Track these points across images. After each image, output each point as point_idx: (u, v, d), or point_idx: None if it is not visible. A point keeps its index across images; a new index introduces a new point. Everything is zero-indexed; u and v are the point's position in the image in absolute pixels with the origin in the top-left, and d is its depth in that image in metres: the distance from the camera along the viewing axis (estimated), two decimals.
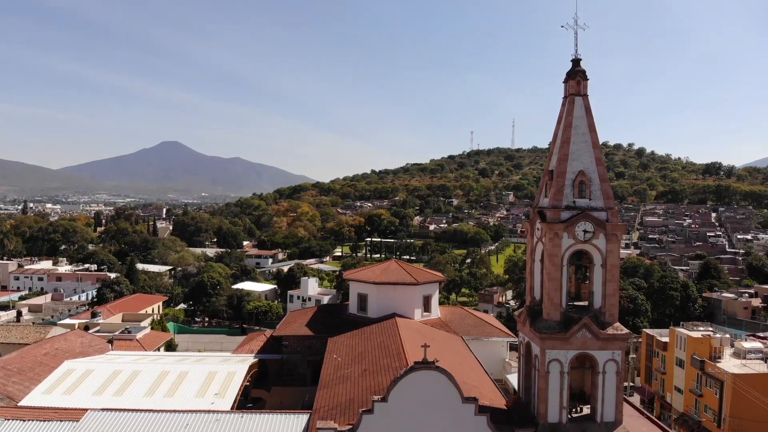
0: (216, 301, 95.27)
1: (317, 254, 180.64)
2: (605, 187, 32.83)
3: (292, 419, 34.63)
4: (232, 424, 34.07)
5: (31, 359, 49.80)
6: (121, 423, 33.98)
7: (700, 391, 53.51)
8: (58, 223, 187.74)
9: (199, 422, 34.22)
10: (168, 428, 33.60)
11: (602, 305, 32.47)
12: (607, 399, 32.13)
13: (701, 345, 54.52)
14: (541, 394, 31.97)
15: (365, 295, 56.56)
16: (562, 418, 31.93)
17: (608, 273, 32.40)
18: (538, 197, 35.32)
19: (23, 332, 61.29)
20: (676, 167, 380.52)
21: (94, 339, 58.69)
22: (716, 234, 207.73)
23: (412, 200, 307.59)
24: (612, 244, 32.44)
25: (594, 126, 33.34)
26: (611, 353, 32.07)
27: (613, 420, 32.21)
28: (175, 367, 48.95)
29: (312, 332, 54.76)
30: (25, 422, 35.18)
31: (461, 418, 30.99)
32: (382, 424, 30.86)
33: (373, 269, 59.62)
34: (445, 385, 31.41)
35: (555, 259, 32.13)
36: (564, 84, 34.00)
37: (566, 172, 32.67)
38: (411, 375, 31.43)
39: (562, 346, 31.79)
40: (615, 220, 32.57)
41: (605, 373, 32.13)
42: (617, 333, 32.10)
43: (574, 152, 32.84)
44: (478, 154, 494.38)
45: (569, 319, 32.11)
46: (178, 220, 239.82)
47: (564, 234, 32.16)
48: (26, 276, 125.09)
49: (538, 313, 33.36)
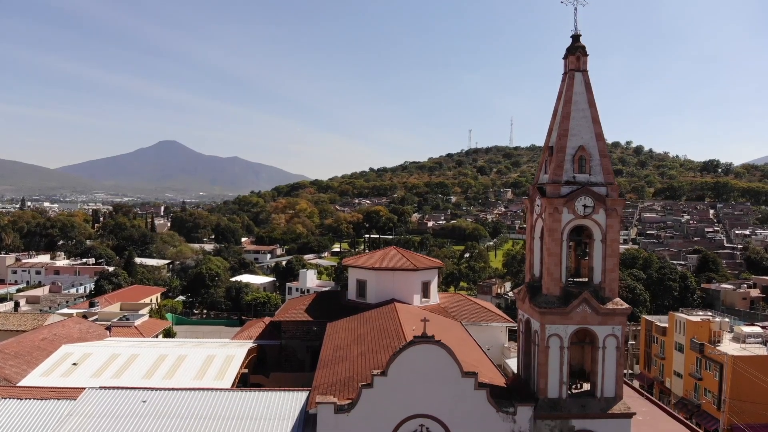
0: (214, 293, 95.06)
1: (316, 250, 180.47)
2: (605, 162, 32.75)
3: (291, 396, 34.53)
4: (232, 401, 33.93)
5: (28, 344, 49.62)
6: (119, 400, 33.81)
7: (700, 374, 53.51)
8: (56, 219, 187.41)
9: (198, 399, 34.08)
10: (167, 405, 33.45)
11: (602, 280, 32.41)
12: (607, 374, 32.08)
13: (700, 329, 54.54)
14: (541, 369, 31.90)
15: (364, 281, 56.37)
16: (562, 393, 31.87)
17: (608, 248, 32.34)
18: (537, 174, 35.23)
19: (20, 320, 61.09)
20: (674, 165, 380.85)
21: (92, 326, 58.50)
22: (714, 230, 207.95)
23: (410, 197, 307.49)
24: (612, 219, 32.38)
25: (594, 102, 33.23)
26: (611, 328, 32.02)
27: (614, 395, 32.16)
28: (174, 351, 48.80)
29: (311, 318, 54.60)
30: (21, 401, 34.98)
31: (461, 392, 30.90)
32: (382, 397, 30.76)
33: (373, 255, 59.56)
34: (444, 360, 31.34)
35: (555, 234, 32.05)
36: (564, 60, 33.90)
37: (566, 148, 32.59)
38: (410, 349, 31.35)
39: (562, 321, 31.73)
40: (615, 195, 32.50)
41: (605, 348, 32.08)
42: (617, 308, 32.06)
43: (574, 127, 32.75)
44: (476, 152, 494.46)
45: (569, 294, 32.05)
46: (176, 217, 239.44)
47: (564, 209, 32.09)
48: (24, 269, 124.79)
49: (537, 290, 33.27)
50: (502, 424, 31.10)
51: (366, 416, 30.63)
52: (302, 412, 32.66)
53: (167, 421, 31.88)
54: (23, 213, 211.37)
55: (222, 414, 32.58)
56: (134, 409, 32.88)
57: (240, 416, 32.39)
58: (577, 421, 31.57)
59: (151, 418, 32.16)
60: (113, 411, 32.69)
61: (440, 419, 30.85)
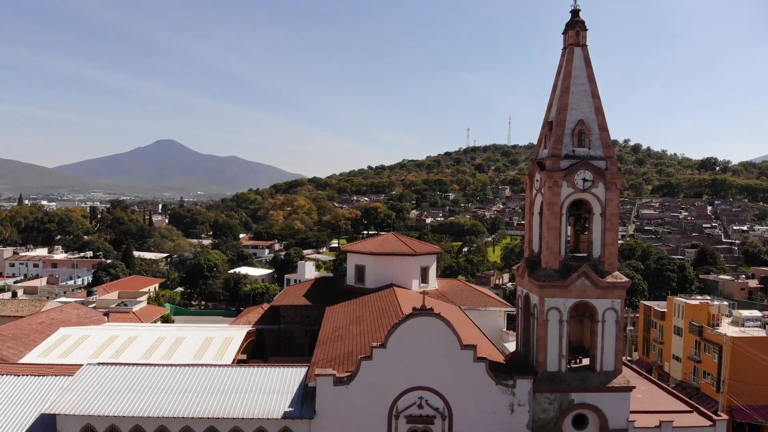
0: (213, 284, 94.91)
1: (314, 245, 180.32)
2: (605, 136, 32.74)
3: (291, 371, 34.45)
4: (232, 377, 33.83)
5: (26, 327, 49.44)
6: (118, 376, 33.67)
7: (699, 357, 53.53)
8: (53, 214, 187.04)
9: (199, 375, 33.97)
10: (167, 381, 33.33)
11: (602, 254, 32.41)
12: (606, 348, 32.08)
13: (699, 312, 54.58)
14: (540, 342, 31.89)
15: (363, 266, 56.16)
16: (562, 367, 31.86)
17: (607, 222, 32.33)
18: (537, 150, 35.19)
19: (18, 305, 60.91)
20: (671, 163, 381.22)
21: (89, 311, 58.32)
22: (712, 225, 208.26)
23: (408, 194, 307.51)
24: (611, 193, 32.38)
25: (593, 77, 33.19)
26: (611, 302, 32.03)
27: (613, 369, 32.16)
28: (172, 333, 48.70)
29: (309, 302, 54.40)
30: (19, 377, 34.88)
31: (460, 364, 30.89)
32: (381, 370, 30.74)
33: (371, 241, 59.42)
34: (443, 332, 31.32)
35: (554, 208, 32.02)
36: (563, 35, 33.87)
37: (566, 122, 32.56)
38: (410, 321, 31.32)
39: (562, 294, 31.71)
40: (614, 169, 32.50)
41: (605, 322, 32.08)
42: (617, 281, 32.06)
43: (574, 102, 32.73)
44: (474, 150, 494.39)
45: (568, 268, 32.03)
46: (174, 213, 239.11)
47: (563, 183, 32.08)
48: (21, 262, 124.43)
49: (536, 264, 33.24)
50: (502, 396, 31.09)
51: (365, 388, 30.62)
52: (301, 386, 32.60)
53: (167, 396, 31.76)
54: (21, 208, 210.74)
55: (222, 388, 32.48)
56: (133, 384, 32.74)
57: (239, 390, 32.30)
58: (576, 395, 31.59)
59: (151, 392, 32.03)
60: (112, 386, 32.53)
61: (439, 391, 30.84)
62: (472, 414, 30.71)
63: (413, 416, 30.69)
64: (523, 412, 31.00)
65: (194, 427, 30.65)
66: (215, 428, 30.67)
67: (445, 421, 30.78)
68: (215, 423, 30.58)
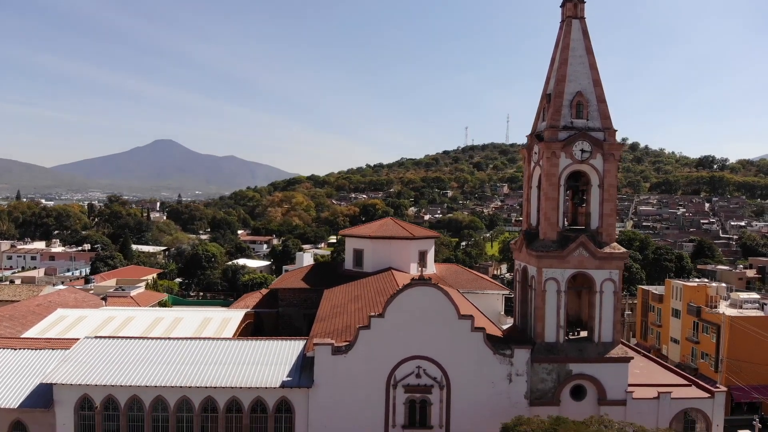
0: (211, 274, 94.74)
1: (312, 241, 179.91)
2: (603, 107, 32.72)
3: (290, 344, 34.46)
4: (231, 349, 33.78)
5: (23, 308, 49.34)
6: (115, 349, 33.58)
7: (697, 338, 53.59)
8: (51, 209, 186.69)
9: (198, 348, 33.91)
10: (164, 353, 33.25)
11: (599, 225, 32.40)
12: (604, 319, 32.08)
13: (697, 293, 54.65)
14: (538, 313, 31.89)
15: (361, 250, 56.10)
16: (560, 337, 31.86)
17: (605, 193, 32.32)
18: (535, 123, 35.15)
19: (15, 290, 60.80)
20: (669, 161, 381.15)
21: (87, 296, 58.24)
22: (710, 221, 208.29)
23: (406, 192, 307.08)
24: (609, 164, 32.37)
25: (591, 49, 33.17)
26: (608, 272, 32.02)
27: (611, 340, 32.17)
28: (170, 314, 48.67)
29: (308, 285, 54.32)
30: (16, 350, 34.79)
31: (457, 334, 30.89)
32: (379, 339, 30.73)
33: (370, 225, 59.38)
34: (441, 302, 31.33)
35: (552, 179, 32.01)
36: (561, 8, 33.90)
37: (564, 93, 32.55)
38: (408, 291, 31.32)
39: (559, 265, 31.70)
40: (612, 140, 32.47)
41: (602, 293, 32.07)
42: (615, 251, 32.05)
43: (572, 73, 32.72)
44: (472, 149, 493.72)
45: (566, 239, 32.02)
46: (172, 209, 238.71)
47: (561, 153, 32.06)
48: (19, 255, 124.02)
49: (534, 237, 33.22)
50: (500, 366, 31.10)
51: (363, 357, 30.61)
52: (300, 357, 32.58)
53: (165, 368, 31.68)
54: (19, 203, 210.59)
55: (220, 361, 32.42)
56: (131, 357, 32.66)
57: (237, 362, 32.24)
58: (574, 366, 31.59)
59: (148, 364, 31.93)
60: (109, 358, 32.45)
61: (437, 361, 30.84)
62: (470, 383, 30.72)
63: (411, 385, 30.70)
64: (521, 382, 31.02)
65: (192, 398, 30.63)
66: (213, 398, 30.65)
67: (443, 390, 30.79)
68: (213, 393, 30.55)
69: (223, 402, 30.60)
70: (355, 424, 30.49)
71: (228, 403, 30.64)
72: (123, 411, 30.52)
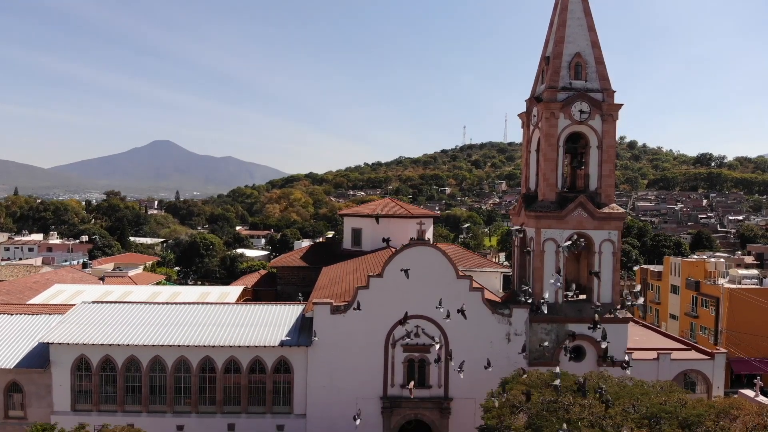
0: (209, 262, 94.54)
1: (311, 235, 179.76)
2: (601, 69, 32.67)
3: (289, 308, 34.47)
4: (230, 312, 33.69)
5: (20, 284, 49.16)
6: (113, 312, 33.45)
7: (696, 312, 53.61)
8: (49, 202, 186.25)
9: (195, 311, 33.80)
10: (162, 316, 33.13)
11: (598, 186, 32.37)
12: (603, 280, 31.97)
13: (696, 268, 54.74)
14: (537, 273, 31.81)
15: (359, 229, 55.90)
16: (558, 298, 31.79)
17: (604, 154, 32.28)
18: (534, 86, 35.09)
19: (12, 271, 60.63)
20: (667, 158, 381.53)
21: (85, 275, 58.12)
22: (708, 216, 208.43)
23: (405, 189, 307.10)
24: (608, 125, 32.31)
25: (590, 11, 33.13)
26: (607, 233, 31.98)
27: (610, 301, 32.08)
28: (167, 289, 48.57)
29: (306, 263, 54.19)
30: (12, 315, 34.63)
31: (456, 293, 30.75)
32: (378, 299, 30.63)
33: (368, 205, 59.33)
34: (439, 261, 31.30)
35: (551, 140, 31.96)
36: None
37: (562, 55, 32.51)
38: (406, 251, 31.28)
39: (558, 225, 31.66)
40: (611, 101, 32.40)
41: (601, 253, 32.02)
42: (613, 212, 32.03)
43: (570, 35, 32.68)
44: (470, 148, 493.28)
45: (565, 199, 31.99)
46: (170, 205, 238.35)
47: (560, 114, 32.02)
48: (17, 246, 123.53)
49: (533, 199, 33.18)
50: (498, 326, 31.03)
51: (362, 317, 30.47)
52: (299, 319, 32.52)
53: (162, 328, 31.55)
54: (17, 198, 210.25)
55: (219, 323, 32.30)
56: (128, 319, 32.52)
57: (236, 324, 32.13)
58: (573, 326, 31.48)
59: (146, 325, 31.79)
60: (106, 320, 32.31)
61: (436, 320, 30.71)
62: (468, 343, 30.59)
63: (410, 345, 30.60)
64: (520, 342, 30.86)
65: (190, 358, 30.51)
66: (211, 358, 30.55)
67: (441, 349, 30.59)
68: (211, 352, 30.44)
69: (221, 362, 30.50)
70: (354, 383, 30.41)
71: (226, 363, 30.55)
72: (120, 371, 30.41)
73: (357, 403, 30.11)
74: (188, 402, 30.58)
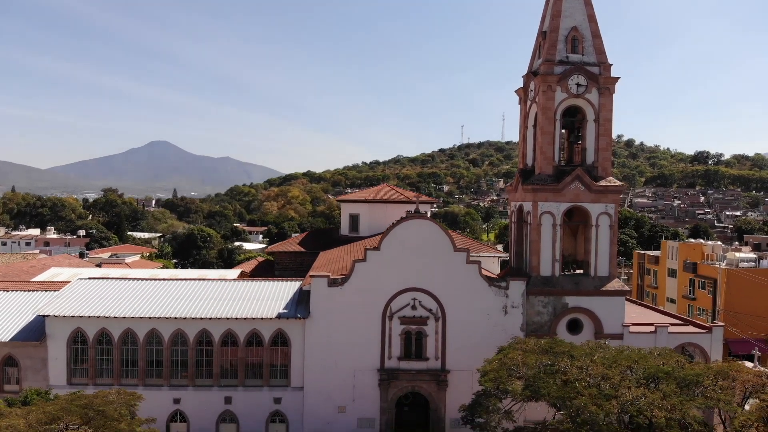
0: (206, 254, 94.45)
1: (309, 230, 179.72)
2: (597, 43, 32.68)
3: (287, 283, 34.62)
4: (227, 287, 33.66)
5: (17, 268, 49.13)
6: (109, 287, 33.38)
7: (693, 294, 53.71)
8: (47, 199, 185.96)
9: (192, 286, 33.76)
10: (159, 290, 33.07)
11: (595, 159, 32.37)
12: (600, 253, 32.02)
13: (693, 251, 54.90)
14: (534, 246, 31.79)
15: (357, 215, 55.76)
16: (555, 271, 31.79)
17: (601, 127, 32.28)
18: (531, 61, 35.08)
19: (9, 258, 60.41)
20: (664, 156, 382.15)
21: (82, 262, 58.18)
22: (705, 212, 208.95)
23: (403, 186, 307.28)
24: (605, 98, 32.30)
25: None
26: (604, 206, 31.99)
27: (607, 275, 32.11)
28: (165, 273, 48.49)
29: (304, 249, 54.06)
30: (8, 292, 34.54)
31: (453, 266, 30.79)
32: (375, 272, 30.65)
33: (366, 191, 59.28)
34: (436, 234, 31.31)
35: (548, 113, 31.95)
36: None
37: (559, 28, 32.51)
38: (403, 224, 31.26)
39: (555, 198, 31.66)
40: (608, 74, 32.39)
41: (598, 226, 32.03)
42: (610, 185, 32.04)
43: (567, 9, 32.68)
44: (468, 147, 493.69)
45: (562, 173, 31.99)
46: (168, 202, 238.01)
47: (557, 88, 32.01)
48: (14, 241, 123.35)
49: (530, 174, 33.17)
50: (495, 298, 31.01)
51: (359, 289, 30.49)
52: (297, 293, 32.55)
53: (159, 302, 31.52)
54: (14, 194, 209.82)
55: (216, 297, 32.29)
56: (124, 294, 32.46)
57: (234, 298, 32.10)
58: (570, 299, 31.51)
59: (142, 299, 31.73)
60: (102, 294, 32.27)
61: (433, 293, 30.73)
62: (465, 315, 30.63)
63: (407, 317, 30.61)
64: (517, 314, 30.94)
65: (186, 330, 30.46)
66: (208, 331, 30.50)
67: (438, 322, 30.69)
68: (208, 325, 30.39)
69: (218, 335, 30.44)
70: (351, 355, 30.38)
71: (223, 336, 30.51)
72: (117, 345, 30.34)
73: (354, 375, 30.14)
74: (185, 375, 30.54)
